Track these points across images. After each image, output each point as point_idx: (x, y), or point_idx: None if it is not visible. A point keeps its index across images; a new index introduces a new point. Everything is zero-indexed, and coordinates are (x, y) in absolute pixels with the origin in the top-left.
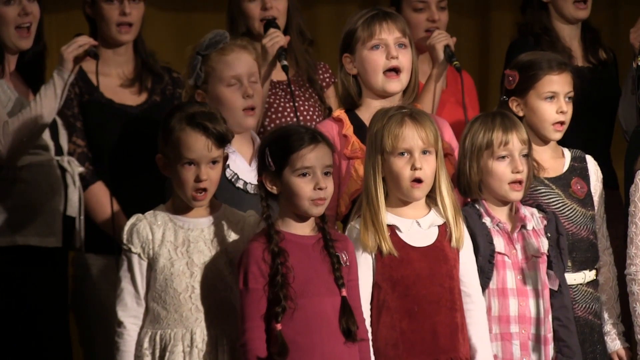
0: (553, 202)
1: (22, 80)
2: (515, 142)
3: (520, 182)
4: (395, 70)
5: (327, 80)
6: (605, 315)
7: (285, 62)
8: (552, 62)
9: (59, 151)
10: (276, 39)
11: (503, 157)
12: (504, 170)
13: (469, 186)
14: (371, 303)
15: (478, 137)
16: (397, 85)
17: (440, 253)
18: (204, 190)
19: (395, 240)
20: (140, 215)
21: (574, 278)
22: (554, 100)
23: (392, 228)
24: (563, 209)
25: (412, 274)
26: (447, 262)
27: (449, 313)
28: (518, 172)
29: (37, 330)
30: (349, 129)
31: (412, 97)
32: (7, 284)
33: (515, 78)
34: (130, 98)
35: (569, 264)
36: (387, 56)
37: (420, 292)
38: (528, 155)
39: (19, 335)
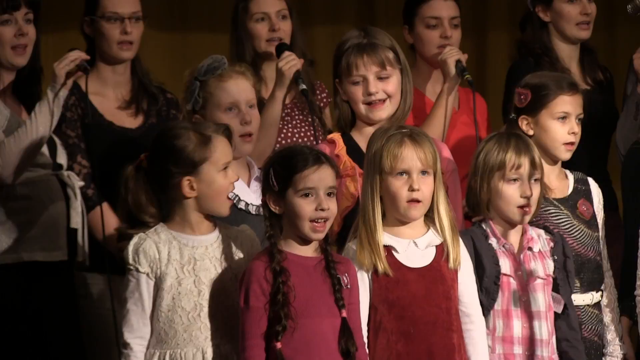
0: (562, 222)
1: (16, 101)
2: (527, 166)
3: (527, 206)
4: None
5: (325, 100)
6: (608, 337)
7: (304, 86)
8: (565, 82)
9: (57, 169)
10: (292, 62)
11: (514, 179)
12: (513, 194)
13: (478, 205)
14: (368, 325)
15: (491, 157)
16: (381, 113)
17: (437, 273)
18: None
19: (391, 261)
20: (142, 234)
21: (582, 299)
22: (565, 121)
23: (389, 249)
24: (572, 230)
25: (408, 295)
26: (444, 283)
27: (445, 334)
28: (527, 197)
29: (49, 345)
30: (341, 149)
31: (403, 119)
32: (16, 301)
33: (527, 96)
34: (128, 120)
35: (578, 284)
36: (364, 92)
37: (416, 313)
38: (539, 180)
39: (31, 353)
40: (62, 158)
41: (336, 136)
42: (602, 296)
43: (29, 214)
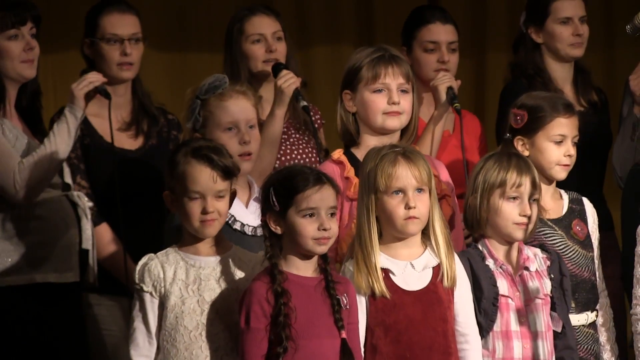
0: (556, 243)
1: (20, 120)
2: (528, 185)
3: (525, 224)
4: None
5: (319, 122)
6: (605, 356)
7: (305, 103)
8: (562, 104)
9: (65, 188)
10: (291, 80)
11: (513, 198)
12: (512, 212)
13: (478, 222)
14: (364, 347)
15: (492, 175)
16: (396, 122)
17: (434, 296)
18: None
19: (388, 284)
20: (152, 254)
21: (577, 319)
22: (561, 144)
23: (385, 271)
24: (566, 250)
25: (404, 319)
26: (441, 305)
27: (442, 358)
28: (525, 216)
29: None
30: (350, 171)
31: (411, 139)
32: (28, 323)
33: (523, 117)
34: (128, 142)
35: (573, 305)
36: (389, 101)
37: (413, 338)
38: (537, 201)
39: None
40: (68, 178)
41: (342, 156)
42: (597, 316)
43: (42, 235)
